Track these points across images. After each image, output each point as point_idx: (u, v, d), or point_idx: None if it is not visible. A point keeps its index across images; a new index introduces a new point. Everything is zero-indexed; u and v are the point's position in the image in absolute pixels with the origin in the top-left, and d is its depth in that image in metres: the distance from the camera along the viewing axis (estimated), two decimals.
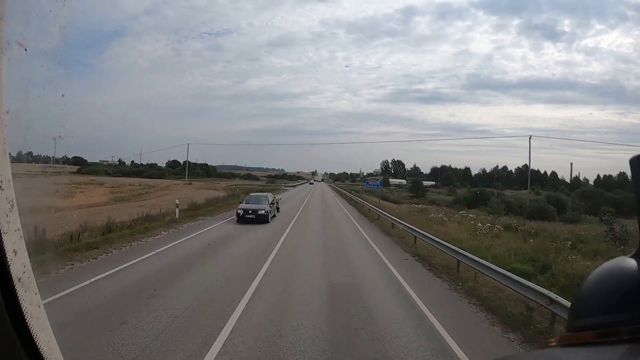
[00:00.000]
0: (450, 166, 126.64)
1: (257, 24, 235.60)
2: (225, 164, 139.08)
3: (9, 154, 0.78)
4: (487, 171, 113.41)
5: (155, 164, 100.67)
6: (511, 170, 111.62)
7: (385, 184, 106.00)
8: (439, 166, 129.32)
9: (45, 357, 0.81)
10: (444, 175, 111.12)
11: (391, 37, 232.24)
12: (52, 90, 1.26)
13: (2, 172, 0.74)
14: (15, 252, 0.76)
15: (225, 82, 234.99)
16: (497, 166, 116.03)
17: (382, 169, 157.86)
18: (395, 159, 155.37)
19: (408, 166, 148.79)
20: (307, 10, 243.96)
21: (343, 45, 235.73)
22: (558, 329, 5.12)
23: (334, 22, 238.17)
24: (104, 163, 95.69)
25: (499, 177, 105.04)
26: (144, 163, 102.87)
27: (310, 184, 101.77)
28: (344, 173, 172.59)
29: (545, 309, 5.55)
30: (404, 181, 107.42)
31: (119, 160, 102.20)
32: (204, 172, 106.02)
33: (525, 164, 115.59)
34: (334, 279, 7.78)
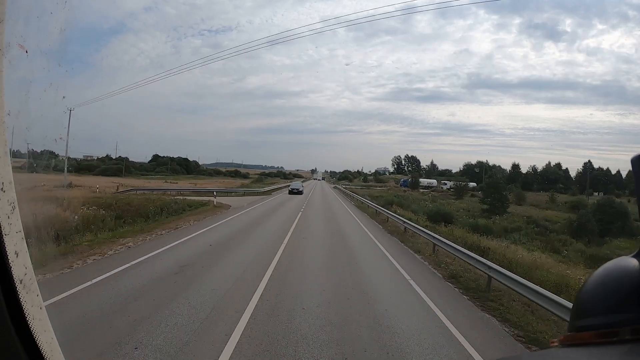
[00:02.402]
0: (487, 162, 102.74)
1: (256, 22, 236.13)
2: (220, 162, 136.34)
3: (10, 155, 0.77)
4: (537, 169, 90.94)
5: (127, 158, 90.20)
6: (566, 169, 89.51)
7: (414, 185, 78.45)
8: (473, 162, 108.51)
9: (47, 359, 0.81)
10: (488, 175, 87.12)
11: (391, 35, 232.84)
12: (53, 91, 1.26)
13: (3, 173, 0.74)
14: (16, 253, 0.76)
15: (225, 80, 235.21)
16: (550, 163, 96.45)
17: (393, 166, 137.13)
18: (409, 155, 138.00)
19: (422, 163, 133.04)
20: (306, 7, 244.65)
21: (343, 43, 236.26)
22: None
23: (333, 19, 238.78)
24: (88, 159, 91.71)
25: (552, 178, 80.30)
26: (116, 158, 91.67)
27: (292, 192, 40.07)
28: (347, 171, 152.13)
29: None
30: (434, 181, 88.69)
31: (107, 156, 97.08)
32: (182, 168, 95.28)
33: (587, 162, 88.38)
34: None
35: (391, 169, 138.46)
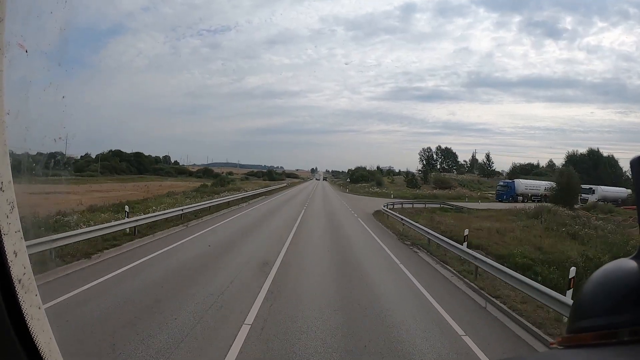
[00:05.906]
0: (598, 151, 71.39)
1: (255, 21, 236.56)
2: (214, 161, 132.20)
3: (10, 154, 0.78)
4: None
5: (84, 154, 64.42)
6: None
7: (568, 198, 33.88)
8: (582, 150, 70.06)
9: (46, 359, 0.81)
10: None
11: (390, 34, 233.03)
12: (53, 91, 1.26)
13: (3, 173, 0.74)
14: (15, 253, 0.76)
15: (224, 80, 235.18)
16: None
17: (421, 161, 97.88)
18: (442, 147, 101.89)
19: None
20: (305, 7, 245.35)
21: (342, 42, 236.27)
22: None
23: (332, 19, 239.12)
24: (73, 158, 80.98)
25: None
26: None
27: None
28: (361, 168, 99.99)
29: None
30: (624, 191, 44.33)
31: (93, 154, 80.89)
32: (131, 166, 69.19)
33: None
34: None
35: (419, 166, 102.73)
